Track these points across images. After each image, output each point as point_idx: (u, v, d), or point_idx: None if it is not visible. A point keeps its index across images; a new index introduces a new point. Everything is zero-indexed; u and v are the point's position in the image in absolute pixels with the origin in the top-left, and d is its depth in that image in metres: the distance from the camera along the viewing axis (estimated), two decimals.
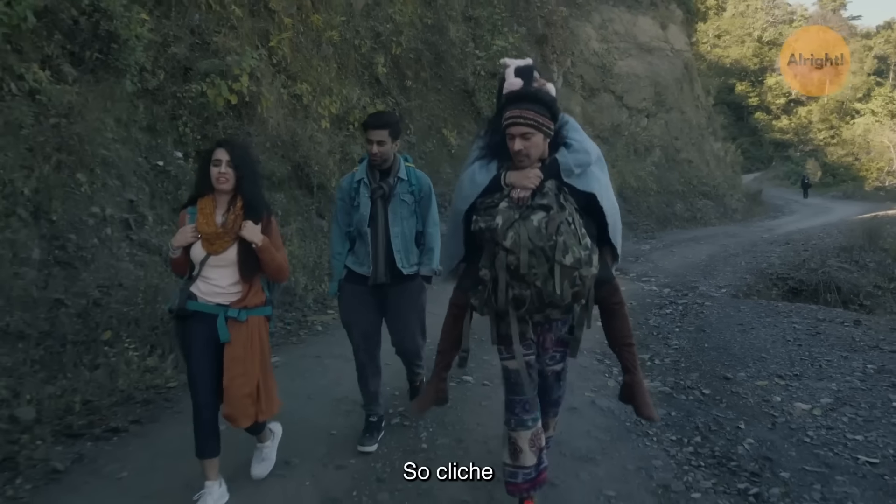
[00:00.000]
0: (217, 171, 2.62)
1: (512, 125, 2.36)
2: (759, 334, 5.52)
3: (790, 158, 48.21)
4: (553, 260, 2.21)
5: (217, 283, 2.67)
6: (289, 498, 2.81)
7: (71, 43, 5.61)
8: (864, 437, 3.36)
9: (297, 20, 8.88)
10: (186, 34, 7.03)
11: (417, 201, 3.35)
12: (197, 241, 2.65)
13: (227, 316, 2.64)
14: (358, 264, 3.31)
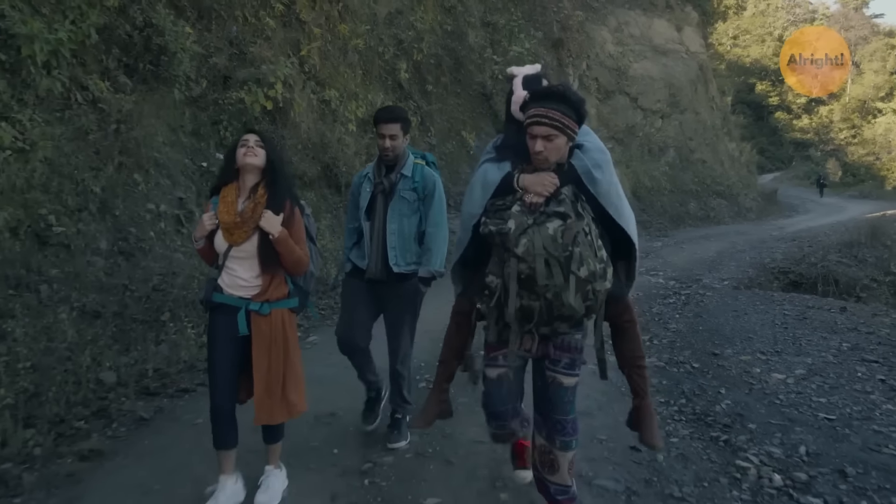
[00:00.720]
0: (245, 148, 2.58)
1: (535, 124, 2.21)
2: (751, 319, 6.02)
3: (810, 158, 48.17)
4: (568, 271, 2.08)
5: (239, 274, 2.62)
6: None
7: (126, 56, 6.22)
8: (828, 399, 3.87)
9: (325, 30, 9.46)
10: (226, 45, 7.63)
11: (420, 199, 3.27)
12: (218, 231, 2.60)
13: (248, 309, 2.59)
14: (360, 258, 3.31)
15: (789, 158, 51.04)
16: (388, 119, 3.16)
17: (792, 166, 48.38)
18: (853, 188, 37.74)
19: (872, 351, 4.83)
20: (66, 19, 5.37)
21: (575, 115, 2.21)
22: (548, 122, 2.16)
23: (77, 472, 2.79)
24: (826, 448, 3.16)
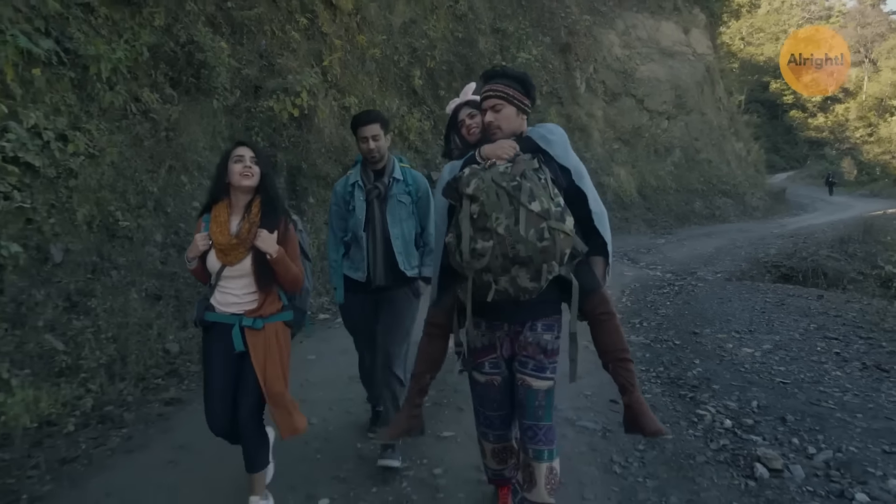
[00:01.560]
0: (241, 165, 2.52)
1: (484, 99, 2.36)
2: (733, 305, 6.64)
3: (825, 157, 48.09)
4: (519, 203, 2.06)
5: (233, 292, 2.59)
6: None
7: (172, 70, 6.92)
8: (786, 368, 4.50)
9: (344, 41, 10.14)
10: (256, 58, 8.34)
11: (415, 202, 3.23)
12: (211, 251, 2.55)
13: (241, 325, 2.57)
14: (353, 270, 3.21)
15: (804, 157, 51.10)
16: (367, 121, 3.10)
17: (806, 165, 48.49)
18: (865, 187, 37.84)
19: (835, 330, 5.44)
20: (121, 39, 6.08)
21: (520, 87, 2.36)
22: (493, 93, 2.33)
23: (165, 412, 3.51)
24: (774, 402, 3.79)
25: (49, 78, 5.10)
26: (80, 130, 5.21)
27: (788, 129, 54.86)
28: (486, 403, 2.43)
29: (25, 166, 4.53)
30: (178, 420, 3.43)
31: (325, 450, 3.25)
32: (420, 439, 3.24)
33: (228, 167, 2.54)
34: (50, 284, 4.46)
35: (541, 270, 2.08)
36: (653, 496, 2.74)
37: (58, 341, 4.14)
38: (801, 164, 49.77)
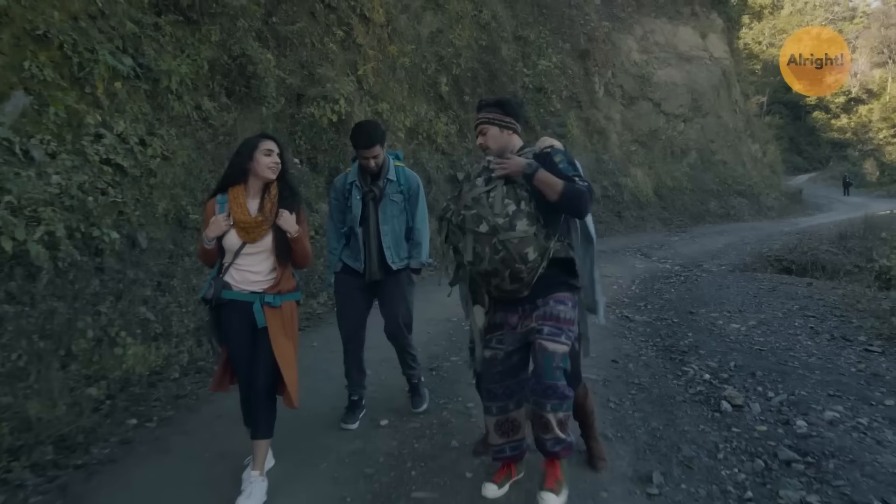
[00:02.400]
0: (271, 160, 2.70)
1: (475, 127, 2.83)
2: (730, 291, 7.32)
3: (847, 158, 48.19)
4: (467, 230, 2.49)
5: (251, 269, 2.71)
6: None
7: (226, 81, 7.75)
8: (765, 339, 5.20)
9: (377, 51, 10.94)
10: (298, 68, 9.16)
11: (406, 199, 3.52)
12: (231, 231, 2.67)
13: (263, 302, 2.69)
14: (352, 259, 3.53)
15: (826, 159, 51.01)
16: (368, 145, 3.30)
17: (829, 166, 48.37)
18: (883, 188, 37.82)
19: (815, 310, 6.11)
20: (184, 54, 6.93)
21: (499, 110, 2.77)
22: (479, 121, 2.79)
23: None
24: (748, 363, 4.51)
25: (128, 90, 5.94)
26: (155, 136, 6.03)
27: (811, 130, 54.73)
28: (489, 377, 2.67)
29: (116, 167, 5.36)
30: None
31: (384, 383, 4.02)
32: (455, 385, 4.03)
33: (255, 157, 2.70)
34: (139, 266, 5.30)
35: (513, 274, 2.47)
36: (638, 422, 3.48)
37: (150, 313, 4.98)
38: (824, 165, 49.68)
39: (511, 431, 2.71)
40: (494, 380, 2.67)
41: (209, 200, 2.80)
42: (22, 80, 4.74)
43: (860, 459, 2.91)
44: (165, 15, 6.89)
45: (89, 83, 5.43)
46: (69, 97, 5.13)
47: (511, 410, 2.68)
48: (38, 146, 4.67)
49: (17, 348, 3.44)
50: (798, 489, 2.68)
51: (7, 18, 4.75)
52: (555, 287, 2.58)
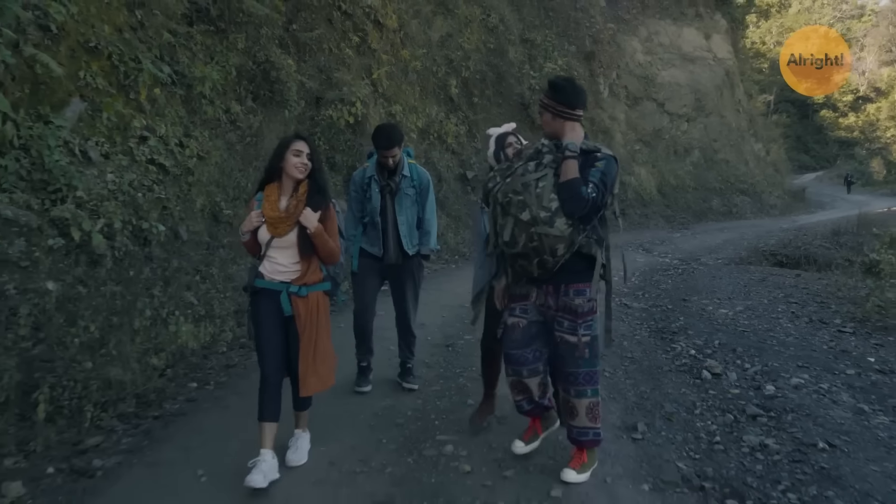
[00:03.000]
0: (300, 160, 2.86)
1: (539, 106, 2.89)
2: (722, 281, 7.83)
3: (854, 156, 47.96)
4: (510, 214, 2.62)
5: (280, 261, 2.89)
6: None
7: (252, 85, 8.28)
8: (749, 322, 5.71)
9: (390, 55, 11.45)
10: (316, 72, 9.68)
11: (419, 193, 3.93)
12: (263, 225, 2.87)
13: (289, 291, 2.86)
14: (370, 245, 3.93)
15: (834, 157, 50.80)
16: (388, 146, 3.73)
17: (836, 165, 48.23)
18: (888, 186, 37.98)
19: (798, 298, 6.61)
20: (213, 61, 7.47)
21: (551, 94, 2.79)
22: (539, 105, 2.87)
23: None
24: (731, 341, 5.03)
25: (167, 96, 6.47)
26: (191, 137, 6.55)
27: (819, 128, 54.64)
28: (510, 342, 2.85)
29: (159, 166, 5.89)
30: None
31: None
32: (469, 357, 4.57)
33: (285, 156, 2.88)
34: (181, 256, 5.84)
35: (541, 263, 2.65)
36: (629, 387, 4.01)
37: (193, 297, 5.54)
38: (832, 163, 49.52)
39: (524, 392, 2.94)
40: (513, 346, 2.86)
41: (252, 197, 3.04)
42: (78, 88, 5.27)
43: (814, 413, 3.43)
44: (197, 25, 7.40)
45: (134, 90, 5.96)
46: (118, 103, 5.66)
47: (524, 377, 2.88)
48: (94, 147, 5.20)
49: (93, 323, 3.99)
50: (758, 435, 3.21)
51: (64, 33, 5.28)
52: (576, 276, 2.73)
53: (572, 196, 2.60)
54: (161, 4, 6.72)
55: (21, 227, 4.14)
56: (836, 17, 57.10)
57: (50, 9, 5.00)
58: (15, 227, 4.09)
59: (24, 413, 3.09)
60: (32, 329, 3.64)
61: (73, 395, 3.30)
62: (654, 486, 2.73)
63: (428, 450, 3.06)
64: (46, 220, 4.36)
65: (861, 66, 54.90)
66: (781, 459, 2.95)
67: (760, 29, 55.78)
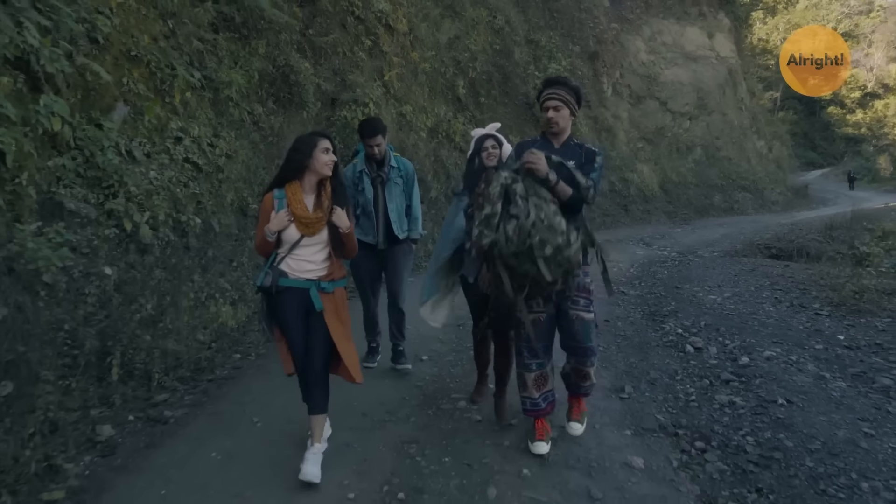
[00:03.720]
0: (329, 157, 2.90)
1: (548, 100, 2.93)
2: (714, 271, 8.33)
3: (860, 153, 48.08)
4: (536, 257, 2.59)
5: (308, 259, 2.90)
6: None
7: (272, 88, 8.82)
8: (735, 306, 6.21)
9: (401, 58, 11.96)
10: (332, 75, 10.20)
11: (406, 182, 4.24)
12: (291, 225, 2.85)
13: (319, 288, 2.89)
14: (364, 234, 4.09)
15: (841, 154, 50.88)
16: (372, 134, 4.00)
17: (843, 162, 48.29)
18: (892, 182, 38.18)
19: (783, 286, 7.10)
20: (237, 65, 8.00)
21: (574, 96, 2.96)
22: (556, 96, 2.90)
23: None
24: (716, 322, 5.54)
25: (197, 99, 7.01)
26: (219, 138, 7.08)
27: (826, 125, 54.60)
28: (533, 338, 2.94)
29: (193, 164, 6.40)
30: None
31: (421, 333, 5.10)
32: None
33: (314, 154, 2.87)
34: (215, 246, 6.38)
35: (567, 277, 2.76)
36: (619, 358, 4.54)
37: (227, 284, 6.08)
38: (839, 160, 49.60)
39: (544, 384, 3.08)
40: (538, 339, 2.96)
41: (266, 194, 2.99)
42: (122, 94, 5.79)
43: (780, 378, 3.94)
44: (222, 32, 7.91)
45: (169, 94, 6.48)
46: (156, 106, 6.18)
47: (546, 367, 3.06)
48: (138, 147, 5.73)
49: (149, 303, 4.54)
50: (728, 395, 3.73)
51: (109, 43, 5.82)
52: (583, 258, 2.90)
53: (576, 205, 2.82)
54: (190, 14, 7.23)
55: (82, 218, 4.68)
56: (844, 12, 56.67)
57: (97, 21, 5.51)
58: (77, 219, 4.63)
59: (101, 375, 3.64)
60: (98, 307, 4.19)
61: (140, 361, 3.86)
62: (635, 431, 3.26)
63: (444, 405, 3.60)
64: (102, 212, 4.89)
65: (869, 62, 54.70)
66: (745, 413, 3.47)
67: (767, 25, 55.50)
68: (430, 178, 11.03)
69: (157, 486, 2.68)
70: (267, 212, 2.90)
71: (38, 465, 2.69)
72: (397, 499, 2.64)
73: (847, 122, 53.24)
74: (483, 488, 2.72)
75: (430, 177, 11.06)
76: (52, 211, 4.47)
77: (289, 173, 2.94)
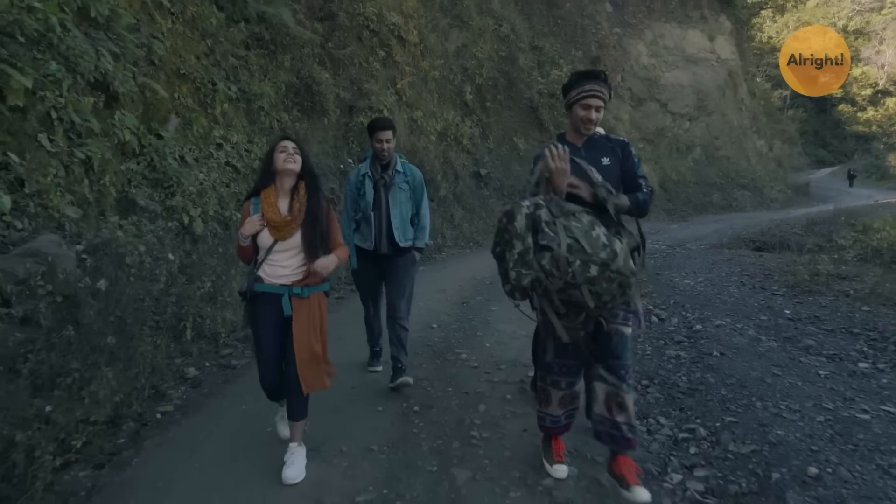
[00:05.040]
0: (285, 154, 2.92)
1: (591, 97, 2.68)
2: (695, 261, 9.21)
3: (870, 151, 48.23)
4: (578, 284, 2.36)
5: (282, 264, 2.91)
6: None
7: (297, 97, 9.78)
8: (704, 289, 7.10)
9: (412, 67, 12.91)
10: (349, 84, 11.16)
11: (412, 189, 4.03)
12: (264, 229, 2.87)
13: (291, 293, 2.87)
14: (363, 241, 4.03)
15: (852, 152, 51.16)
16: (383, 128, 3.86)
17: (853, 160, 48.56)
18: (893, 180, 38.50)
19: (751, 272, 7.96)
20: (266, 78, 8.98)
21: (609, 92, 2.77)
22: (599, 95, 2.68)
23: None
24: (683, 300, 6.45)
25: (233, 110, 7.98)
26: (253, 144, 8.04)
27: (837, 123, 54.91)
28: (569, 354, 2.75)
29: (233, 167, 7.39)
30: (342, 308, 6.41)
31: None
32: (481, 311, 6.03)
33: (274, 157, 2.96)
34: None
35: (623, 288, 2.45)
36: None
37: None
38: (849, 158, 49.85)
39: (570, 403, 2.88)
40: (572, 356, 2.77)
41: (245, 202, 3.06)
42: (174, 107, 6.77)
43: (721, 340, 4.86)
44: (253, 49, 8.88)
45: (211, 106, 7.45)
46: (201, 117, 7.16)
47: (576, 385, 2.86)
48: (189, 153, 6.71)
49: (208, 281, 5.53)
50: (676, 350, 4.64)
51: (162, 63, 6.81)
52: None
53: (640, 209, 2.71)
54: (226, 34, 8.21)
55: (150, 213, 5.67)
56: (855, 9, 56.65)
57: (154, 45, 6.50)
58: (146, 213, 5.62)
59: (177, 336, 4.63)
60: (168, 284, 5.18)
61: (207, 326, 4.84)
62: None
63: (449, 357, 4.56)
64: (164, 208, 5.87)
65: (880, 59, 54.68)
66: (686, 362, 4.39)
67: (777, 24, 55.63)
68: (440, 179, 11.97)
69: (237, 405, 3.67)
70: (245, 218, 2.99)
71: (150, 392, 3.70)
72: (413, 410, 3.64)
73: (858, 120, 53.46)
74: (476, 405, 3.72)
75: (440, 177, 11.99)
76: (127, 207, 5.45)
77: (262, 180, 3.02)
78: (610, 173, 2.71)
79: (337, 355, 3.45)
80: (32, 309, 3.57)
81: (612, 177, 2.71)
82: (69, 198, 4.58)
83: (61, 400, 3.18)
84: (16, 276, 3.59)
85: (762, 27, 55.56)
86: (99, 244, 4.58)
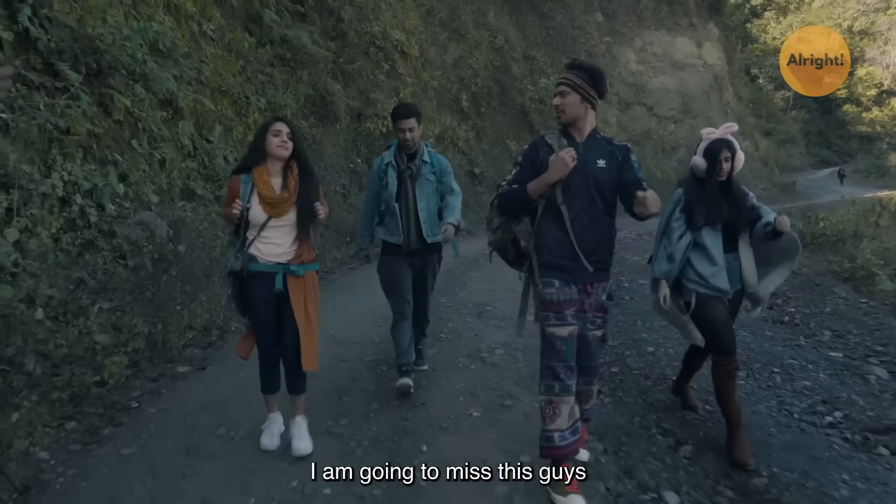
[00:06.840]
0: (279, 140, 2.92)
1: (559, 84, 2.67)
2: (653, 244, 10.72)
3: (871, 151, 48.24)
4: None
5: (276, 242, 2.94)
6: None
7: (314, 107, 11.29)
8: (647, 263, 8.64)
9: (413, 77, 14.31)
10: (357, 94, 12.64)
11: (439, 180, 3.82)
12: (257, 206, 2.88)
13: (287, 272, 2.90)
14: (389, 235, 3.81)
15: (856, 152, 51.14)
16: (405, 115, 3.64)
17: (856, 160, 48.69)
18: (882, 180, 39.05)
19: None
20: (287, 90, 10.58)
21: (588, 78, 2.62)
22: (563, 81, 2.65)
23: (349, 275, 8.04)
24: (623, 270, 8.00)
25: (263, 119, 9.50)
26: None
27: (841, 123, 54.72)
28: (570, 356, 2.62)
29: None
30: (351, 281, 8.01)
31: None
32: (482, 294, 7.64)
33: (267, 139, 2.93)
34: None
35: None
36: None
37: None
38: (853, 158, 49.75)
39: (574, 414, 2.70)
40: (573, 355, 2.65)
41: (233, 176, 2.99)
42: (217, 118, 8.36)
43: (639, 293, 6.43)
44: (277, 66, 10.39)
45: (245, 116, 9.00)
46: (239, 126, 8.77)
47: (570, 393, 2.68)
48: (230, 154, 8.32)
49: None
50: None
51: (208, 82, 8.40)
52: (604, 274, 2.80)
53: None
54: (255, 55, 9.75)
55: (205, 200, 7.28)
56: (861, 10, 56.78)
57: (202, 67, 8.08)
58: (203, 200, 7.22)
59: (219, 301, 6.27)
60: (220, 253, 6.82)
61: None
62: None
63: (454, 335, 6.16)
64: (214, 196, 7.48)
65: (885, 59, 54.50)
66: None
67: (782, 25, 55.58)
68: None
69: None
70: (233, 191, 2.98)
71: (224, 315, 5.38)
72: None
73: (862, 121, 53.44)
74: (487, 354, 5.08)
75: None
76: (189, 195, 7.06)
77: (252, 157, 3.00)
78: (604, 175, 2.71)
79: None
80: (139, 262, 5.25)
81: (605, 179, 2.72)
82: (152, 187, 6.20)
83: (175, 312, 4.93)
84: (130, 239, 5.27)
85: (766, 28, 55.60)
86: (175, 221, 6.21)
